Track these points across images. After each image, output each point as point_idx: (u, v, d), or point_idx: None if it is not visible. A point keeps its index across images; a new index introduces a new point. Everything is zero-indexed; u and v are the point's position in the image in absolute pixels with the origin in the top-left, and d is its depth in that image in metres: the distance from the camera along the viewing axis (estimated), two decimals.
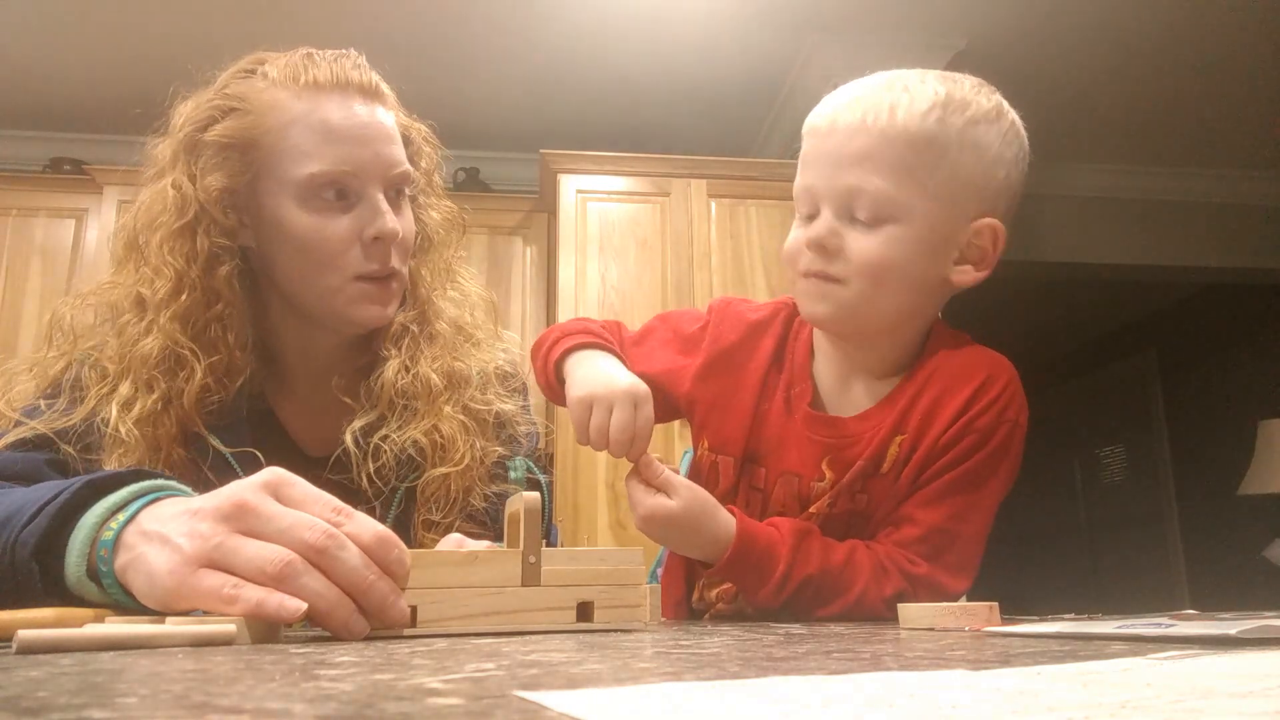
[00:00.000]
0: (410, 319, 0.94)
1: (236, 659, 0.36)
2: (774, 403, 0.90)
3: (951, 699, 0.22)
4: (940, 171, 0.79)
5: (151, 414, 0.82)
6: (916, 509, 0.84)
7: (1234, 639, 0.39)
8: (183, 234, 0.85)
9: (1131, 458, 5.61)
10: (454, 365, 0.94)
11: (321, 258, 0.86)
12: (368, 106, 0.88)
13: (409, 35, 3.01)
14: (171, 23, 2.90)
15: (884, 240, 0.80)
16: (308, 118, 0.85)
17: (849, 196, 0.80)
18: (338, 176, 0.85)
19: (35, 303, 3.12)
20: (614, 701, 0.22)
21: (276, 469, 0.55)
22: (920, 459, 0.83)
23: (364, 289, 0.88)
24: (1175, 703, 0.21)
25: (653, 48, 3.12)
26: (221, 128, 0.85)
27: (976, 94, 0.83)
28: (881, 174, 0.78)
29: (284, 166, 0.85)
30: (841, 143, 0.80)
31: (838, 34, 3.05)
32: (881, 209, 0.79)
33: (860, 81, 0.84)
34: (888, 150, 0.78)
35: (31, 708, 0.21)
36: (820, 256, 0.81)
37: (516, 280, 3.40)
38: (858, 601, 0.80)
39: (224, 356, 0.86)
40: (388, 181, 0.88)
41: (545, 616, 0.56)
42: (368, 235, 0.86)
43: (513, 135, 3.62)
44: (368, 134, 0.87)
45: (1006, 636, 0.50)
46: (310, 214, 0.85)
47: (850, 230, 0.81)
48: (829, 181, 0.81)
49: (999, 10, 2.95)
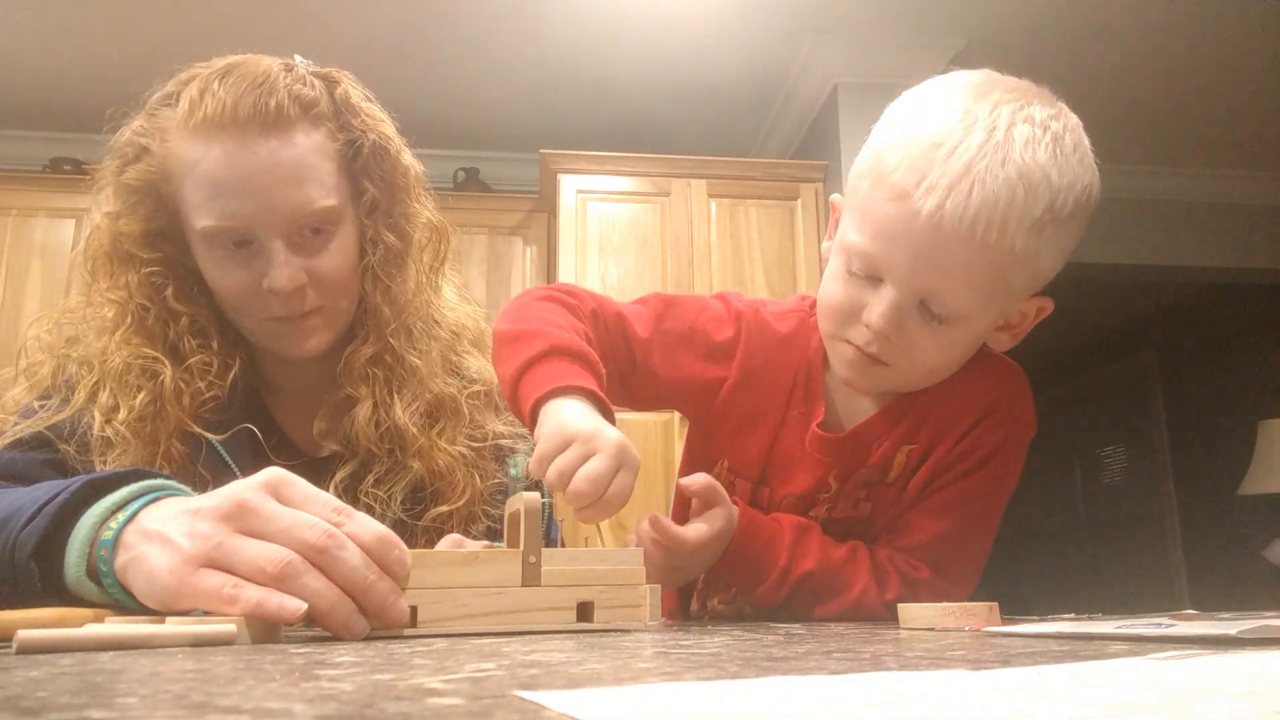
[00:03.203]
0: (373, 355, 0.89)
1: (236, 659, 0.36)
2: (788, 423, 0.86)
3: (951, 699, 0.22)
4: (1023, 277, 0.74)
5: (142, 414, 0.82)
6: (922, 517, 0.82)
7: (1234, 639, 0.39)
8: (115, 270, 0.86)
9: (1131, 458, 5.61)
10: (438, 397, 0.91)
11: (232, 303, 0.86)
12: (267, 145, 0.81)
13: (409, 35, 3.01)
14: (172, 23, 2.89)
15: (950, 340, 0.75)
16: (198, 168, 0.81)
17: (927, 294, 0.73)
18: (225, 230, 0.82)
19: (35, 303, 3.12)
20: (614, 701, 0.22)
21: (277, 469, 0.55)
22: (928, 471, 0.82)
23: (279, 328, 0.87)
24: (1175, 703, 0.21)
25: (653, 48, 3.12)
26: (133, 172, 0.85)
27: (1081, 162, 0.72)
28: (972, 287, 0.72)
29: (185, 214, 0.84)
30: (942, 244, 0.69)
31: (838, 34, 3.05)
32: (958, 313, 0.73)
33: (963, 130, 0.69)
34: (987, 266, 0.70)
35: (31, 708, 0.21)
36: (879, 344, 0.75)
37: (516, 280, 3.40)
38: (857, 602, 0.80)
39: (207, 357, 0.86)
40: (291, 226, 0.83)
41: (545, 616, 0.56)
42: (264, 288, 0.83)
43: (513, 135, 3.62)
44: (259, 182, 0.80)
45: (1006, 636, 0.50)
46: (213, 264, 0.85)
47: (915, 318, 0.74)
48: (910, 273, 0.72)
49: (999, 10, 2.95)
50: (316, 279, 0.85)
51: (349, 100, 0.88)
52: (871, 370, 0.77)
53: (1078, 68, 3.25)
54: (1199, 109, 3.54)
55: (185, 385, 0.84)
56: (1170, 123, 3.64)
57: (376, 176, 0.89)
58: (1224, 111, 3.56)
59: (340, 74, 0.91)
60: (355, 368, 0.90)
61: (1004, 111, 0.70)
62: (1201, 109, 3.54)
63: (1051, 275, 0.76)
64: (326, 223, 0.85)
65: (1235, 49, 3.16)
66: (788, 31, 3.05)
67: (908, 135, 0.72)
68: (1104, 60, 3.22)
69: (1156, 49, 3.16)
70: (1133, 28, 3.04)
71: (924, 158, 0.70)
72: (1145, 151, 3.87)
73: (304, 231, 0.84)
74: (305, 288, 0.84)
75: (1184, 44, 3.13)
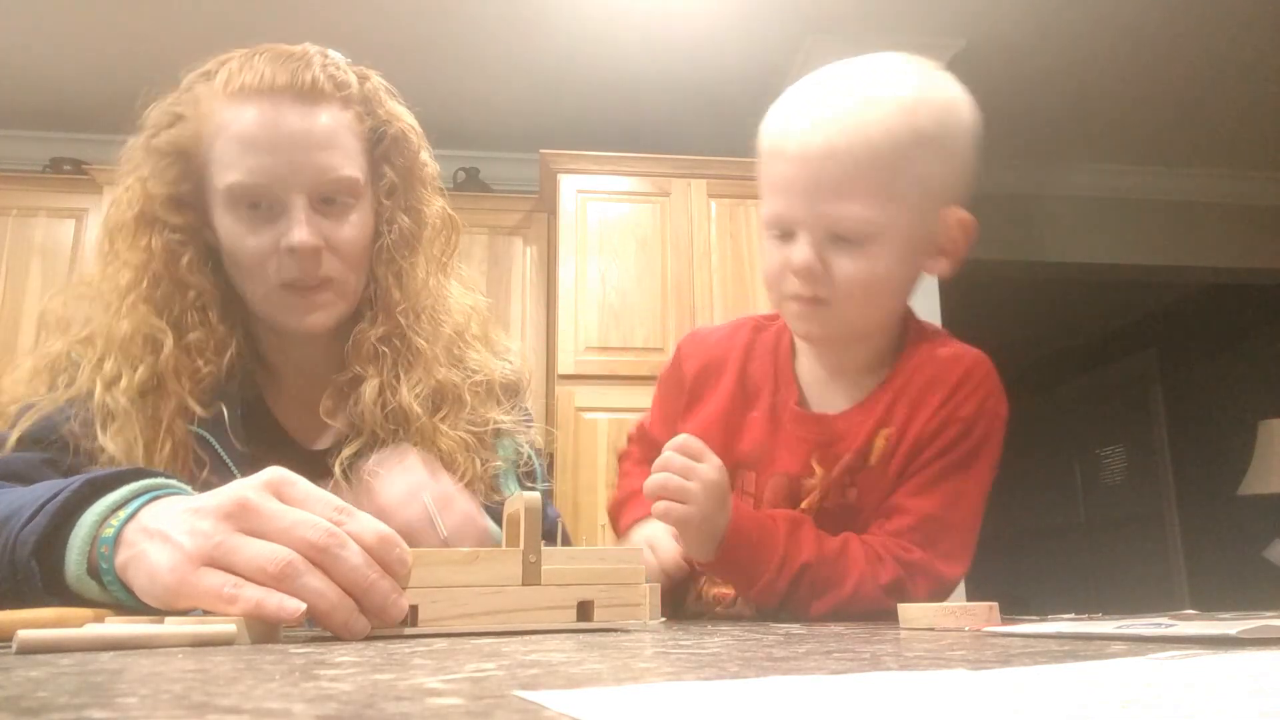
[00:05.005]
0: (383, 334, 0.91)
1: (236, 659, 0.36)
2: (758, 410, 0.91)
3: (951, 699, 0.22)
4: (914, 180, 0.79)
5: (142, 388, 0.83)
6: (907, 498, 0.84)
7: (1234, 639, 0.39)
8: (138, 232, 0.87)
9: (1131, 458, 5.61)
10: (441, 384, 0.92)
11: (247, 265, 0.87)
12: (299, 111, 0.85)
13: (409, 35, 3.01)
14: (171, 23, 2.89)
15: (869, 260, 0.80)
16: (230, 128, 0.84)
17: (832, 224, 0.79)
18: (251, 188, 0.84)
19: (35, 303, 3.12)
20: (614, 701, 0.22)
21: (278, 468, 0.55)
22: (907, 450, 0.85)
23: (288, 299, 0.87)
24: (1175, 703, 0.21)
25: (653, 48, 3.12)
26: (167, 135, 0.87)
27: (933, 83, 0.82)
28: (859, 199, 0.78)
29: (213, 175, 0.86)
30: (814, 171, 0.79)
31: (838, 34, 3.05)
32: (863, 230, 0.79)
33: (815, 86, 0.83)
34: (863, 174, 0.77)
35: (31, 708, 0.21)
36: (806, 282, 0.81)
37: (516, 280, 3.40)
38: (855, 591, 0.80)
39: (205, 333, 0.87)
40: (314, 190, 0.85)
41: (545, 615, 0.56)
42: (283, 246, 0.85)
43: (513, 135, 3.62)
44: (289, 142, 0.84)
45: (1006, 636, 0.50)
46: (234, 223, 0.86)
47: (833, 252, 0.81)
48: (806, 210, 0.80)
49: (999, 10, 2.95)
50: (333, 246, 0.87)
51: (378, 93, 0.93)
52: (818, 313, 0.83)
53: (1078, 68, 3.25)
54: (1199, 109, 3.54)
55: (184, 362, 0.85)
56: (1170, 123, 3.64)
57: (397, 164, 0.93)
58: (1224, 111, 3.56)
59: (371, 71, 0.95)
60: (364, 347, 0.91)
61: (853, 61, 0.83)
62: (1201, 109, 3.54)
63: (950, 188, 0.82)
64: (347, 193, 0.88)
65: (1235, 49, 3.16)
66: (788, 31, 3.04)
67: (774, 110, 0.85)
68: (1104, 60, 3.22)
69: (1156, 49, 3.16)
70: (1133, 28, 3.04)
71: (784, 114, 0.83)
72: (1145, 151, 3.87)
73: (325, 197, 0.86)
74: (321, 251, 0.86)
75: (1184, 44, 3.13)
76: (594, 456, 2.90)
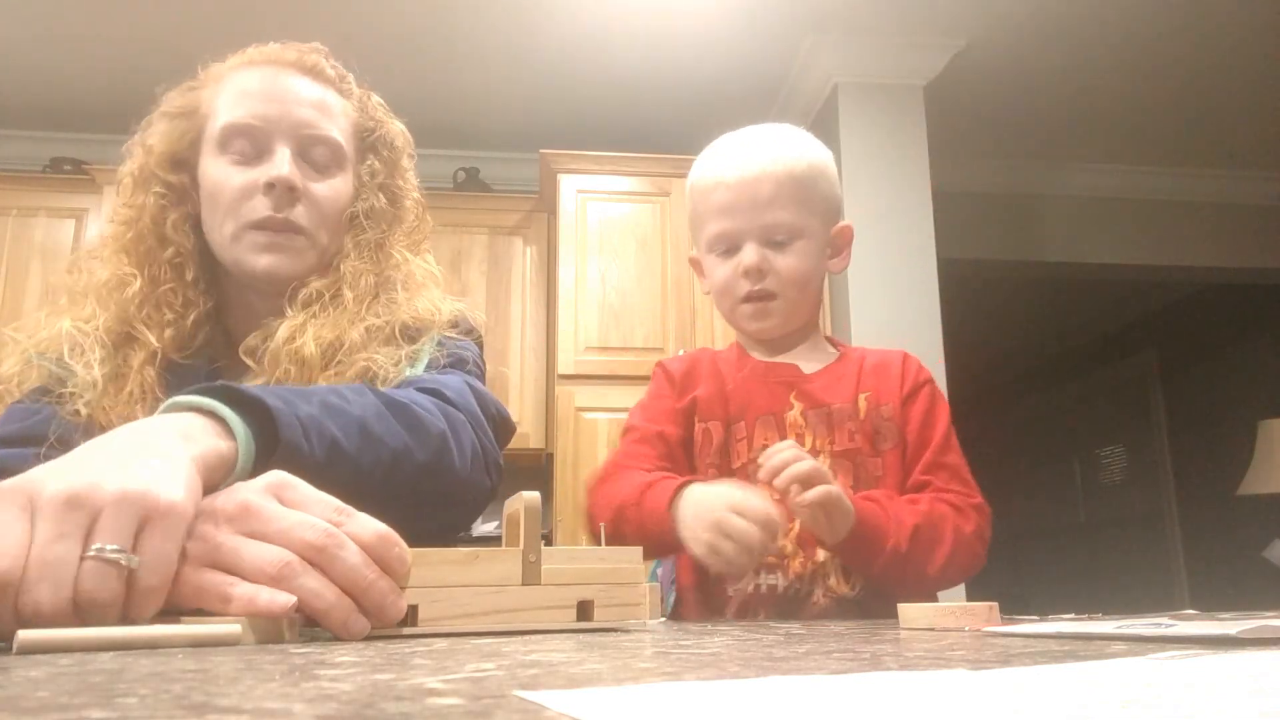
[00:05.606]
0: (323, 286, 0.93)
1: (236, 659, 0.36)
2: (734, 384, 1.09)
3: (951, 699, 0.22)
4: (820, 197, 1.06)
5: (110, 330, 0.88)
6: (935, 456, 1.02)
7: (1234, 639, 0.39)
8: (135, 190, 0.94)
9: (1131, 458, 5.61)
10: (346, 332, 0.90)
11: (224, 205, 0.91)
12: (298, 79, 0.95)
13: (409, 35, 3.01)
14: (171, 23, 2.90)
15: (798, 256, 1.05)
16: (233, 84, 0.94)
17: (770, 230, 1.04)
18: (243, 127, 0.91)
19: (35, 303, 3.12)
20: (614, 701, 0.22)
21: (280, 472, 0.55)
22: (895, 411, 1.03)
23: (256, 238, 0.91)
24: (1175, 703, 0.21)
25: (653, 48, 3.12)
26: (178, 101, 0.96)
27: (809, 138, 1.10)
28: (787, 209, 1.04)
29: (210, 124, 0.94)
30: (752, 190, 1.03)
31: (838, 34, 3.05)
32: (791, 231, 1.04)
33: (736, 139, 1.09)
34: (786, 189, 1.03)
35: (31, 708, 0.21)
36: (757, 279, 1.04)
37: (516, 280, 3.40)
38: (954, 543, 0.94)
39: (177, 288, 0.92)
40: (299, 140, 0.93)
41: (545, 615, 0.56)
42: (263, 181, 0.90)
43: (513, 135, 3.62)
44: (284, 95, 0.93)
45: (1006, 636, 0.50)
46: (223, 164, 0.92)
47: (771, 252, 1.04)
48: (748, 222, 1.04)
49: (999, 10, 2.96)
50: (310, 199, 0.93)
51: (376, 104, 1.02)
52: (768, 306, 1.06)
53: (1078, 68, 3.26)
54: (1199, 109, 3.54)
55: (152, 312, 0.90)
56: (1170, 123, 3.64)
57: (383, 155, 1.01)
58: (1224, 111, 3.56)
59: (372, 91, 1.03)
60: (301, 292, 0.92)
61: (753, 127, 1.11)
62: (1201, 109, 3.54)
63: (836, 202, 1.10)
64: (330, 153, 0.95)
65: (1235, 49, 3.16)
66: (788, 31, 3.05)
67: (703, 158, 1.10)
68: (1104, 60, 3.22)
69: (1156, 49, 3.16)
70: (1133, 28, 3.04)
71: (716, 157, 1.08)
72: (1145, 151, 3.87)
73: (308, 152, 0.94)
74: (298, 192, 0.92)
75: (1184, 44, 3.13)
76: (594, 456, 2.90)
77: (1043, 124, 3.64)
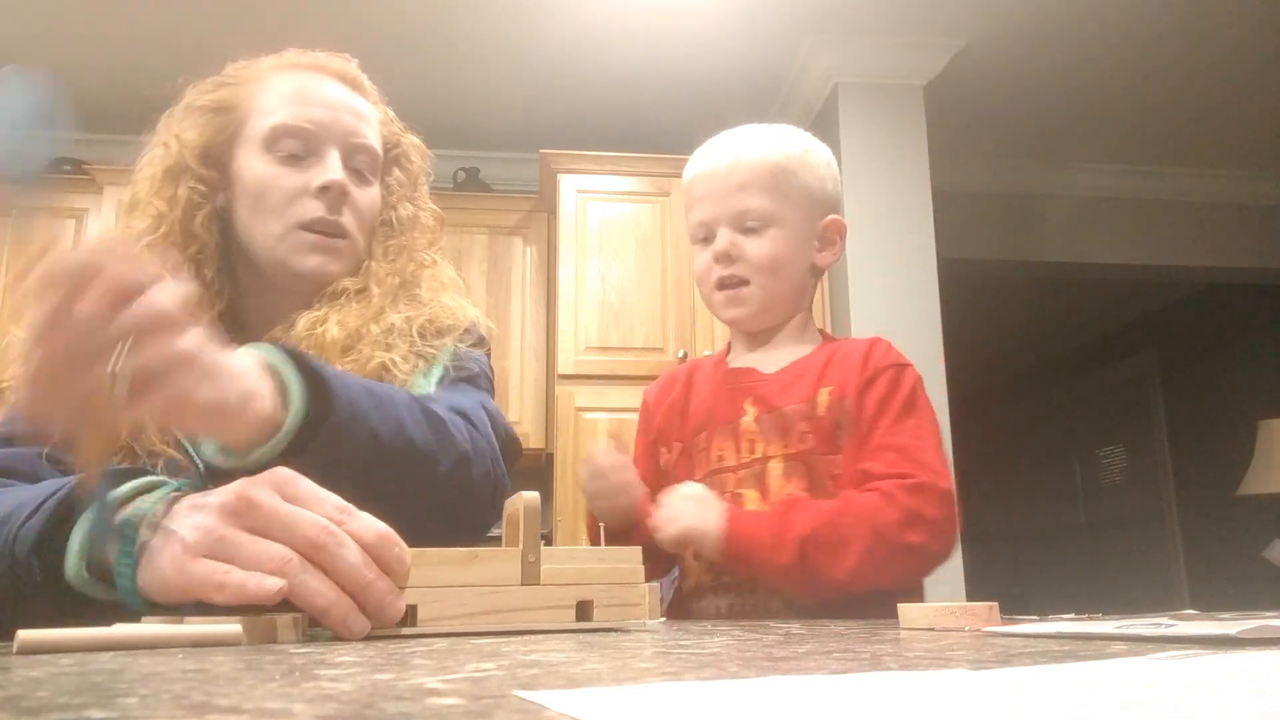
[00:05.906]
0: (351, 284, 0.95)
1: (236, 659, 0.36)
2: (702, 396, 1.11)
3: (951, 699, 0.22)
4: (795, 186, 1.06)
5: None
6: (882, 438, 0.97)
7: (1234, 639, 0.39)
8: (165, 182, 0.93)
9: (1131, 458, 5.61)
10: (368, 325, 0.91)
11: (272, 204, 0.91)
12: (341, 88, 0.97)
13: (409, 35, 3.01)
14: (172, 23, 2.90)
15: (771, 242, 1.05)
16: (282, 84, 0.95)
17: (741, 215, 1.05)
18: (295, 129, 0.92)
19: None
20: (614, 701, 0.22)
21: (284, 468, 0.55)
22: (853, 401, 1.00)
23: (305, 238, 0.91)
24: (1175, 703, 0.21)
25: (653, 48, 3.12)
26: (212, 95, 0.96)
27: (798, 133, 1.11)
28: (759, 194, 1.05)
29: (254, 122, 0.93)
30: (725, 177, 1.06)
31: (838, 34, 3.05)
32: (764, 218, 1.05)
33: (719, 138, 1.11)
34: (760, 177, 1.05)
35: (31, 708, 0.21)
36: (727, 264, 1.06)
37: (516, 280, 3.40)
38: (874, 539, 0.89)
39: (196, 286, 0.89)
40: (346, 147, 0.94)
41: (545, 615, 0.56)
42: (315, 185, 0.91)
43: (513, 135, 3.62)
44: (335, 102, 0.95)
45: (1006, 636, 0.50)
46: (269, 164, 0.92)
47: (744, 238, 1.06)
48: (722, 208, 1.06)
49: (999, 10, 2.95)
50: (353, 204, 0.95)
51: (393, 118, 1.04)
52: (740, 293, 1.07)
53: (1078, 68, 3.25)
54: (1199, 109, 3.54)
55: None
56: (1170, 123, 3.64)
57: (406, 168, 1.04)
58: (1224, 111, 3.55)
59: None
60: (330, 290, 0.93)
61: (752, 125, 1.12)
62: (1201, 109, 3.54)
63: (826, 199, 1.10)
64: (370, 162, 0.98)
65: (1235, 49, 3.16)
66: (788, 31, 3.04)
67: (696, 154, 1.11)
68: (1104, 60, 3.22)
69: (1156, 49, 3.16)
70: (1132, 28, 3.04)
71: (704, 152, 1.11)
72: (1145, 151, 3.87)
73: (352, 159, 0.95)
74: (347, 198, 0.93)
75: (1184, 44, 3.13)
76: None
77: (1043, 124, 3.64)
